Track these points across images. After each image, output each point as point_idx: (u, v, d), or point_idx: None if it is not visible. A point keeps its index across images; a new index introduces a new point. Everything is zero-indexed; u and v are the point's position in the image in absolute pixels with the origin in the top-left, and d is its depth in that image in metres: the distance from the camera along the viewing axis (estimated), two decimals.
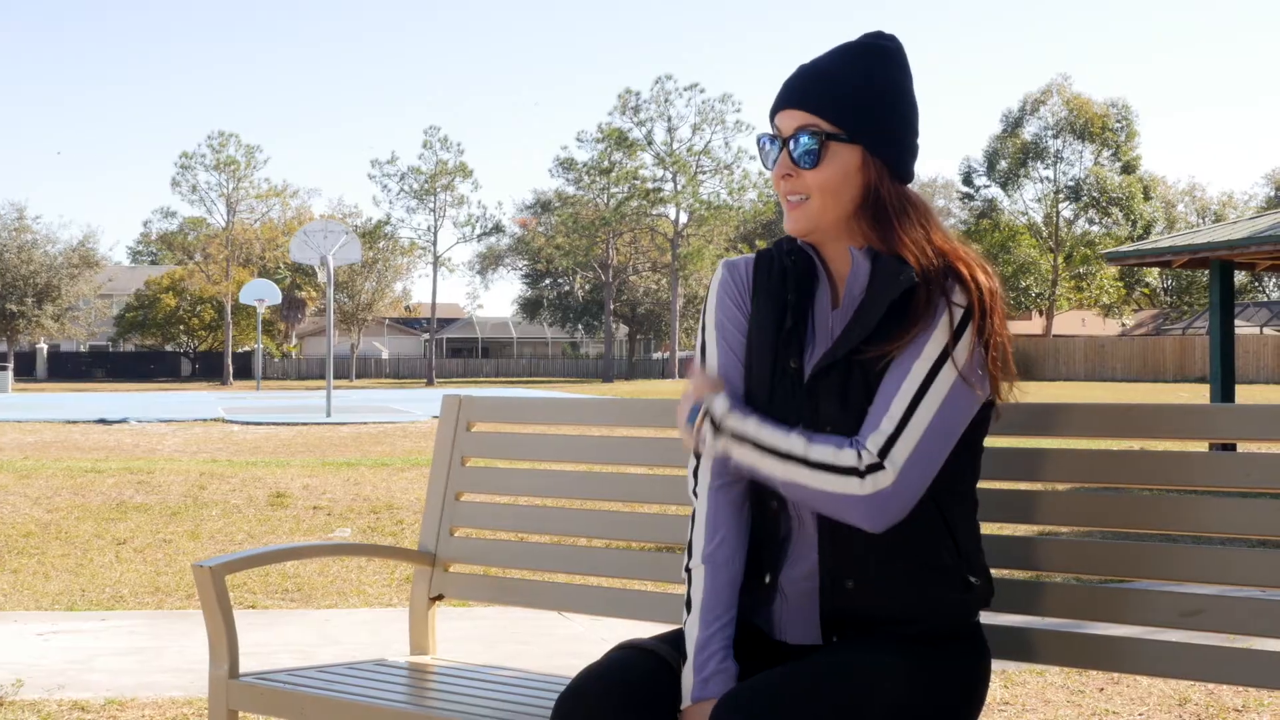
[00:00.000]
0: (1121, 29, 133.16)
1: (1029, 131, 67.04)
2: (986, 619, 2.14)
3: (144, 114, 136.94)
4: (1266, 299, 72.05)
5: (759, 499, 1.99)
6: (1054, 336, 64.64)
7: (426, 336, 71.66)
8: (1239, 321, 57.78)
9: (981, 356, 1.88)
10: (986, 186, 69.29)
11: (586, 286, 69.41)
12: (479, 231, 65.39)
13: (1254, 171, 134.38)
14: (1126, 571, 2.22)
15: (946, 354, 1.85)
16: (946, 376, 1.85)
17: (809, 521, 1.94)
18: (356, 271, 62.61)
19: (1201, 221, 75.75)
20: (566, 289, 72.05)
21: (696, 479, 2.02)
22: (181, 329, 69.39)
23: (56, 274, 62.78)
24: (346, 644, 4.92)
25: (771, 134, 1.98)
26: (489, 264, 75.19)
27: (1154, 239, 29.04)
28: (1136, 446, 8.28)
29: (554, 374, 73.78)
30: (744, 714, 1.73)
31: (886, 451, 1.82)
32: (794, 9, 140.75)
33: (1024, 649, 2.28)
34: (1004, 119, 67.83)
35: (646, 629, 2.32)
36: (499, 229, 67.21)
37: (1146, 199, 66.93)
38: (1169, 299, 76.38)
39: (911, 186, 1.99)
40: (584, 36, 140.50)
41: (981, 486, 2.08)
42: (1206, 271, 16.34)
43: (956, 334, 1.86)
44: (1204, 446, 11.17)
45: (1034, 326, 68.54)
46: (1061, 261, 65.71)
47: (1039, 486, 2.34)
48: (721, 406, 1.92)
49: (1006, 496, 2.31)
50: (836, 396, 1.90)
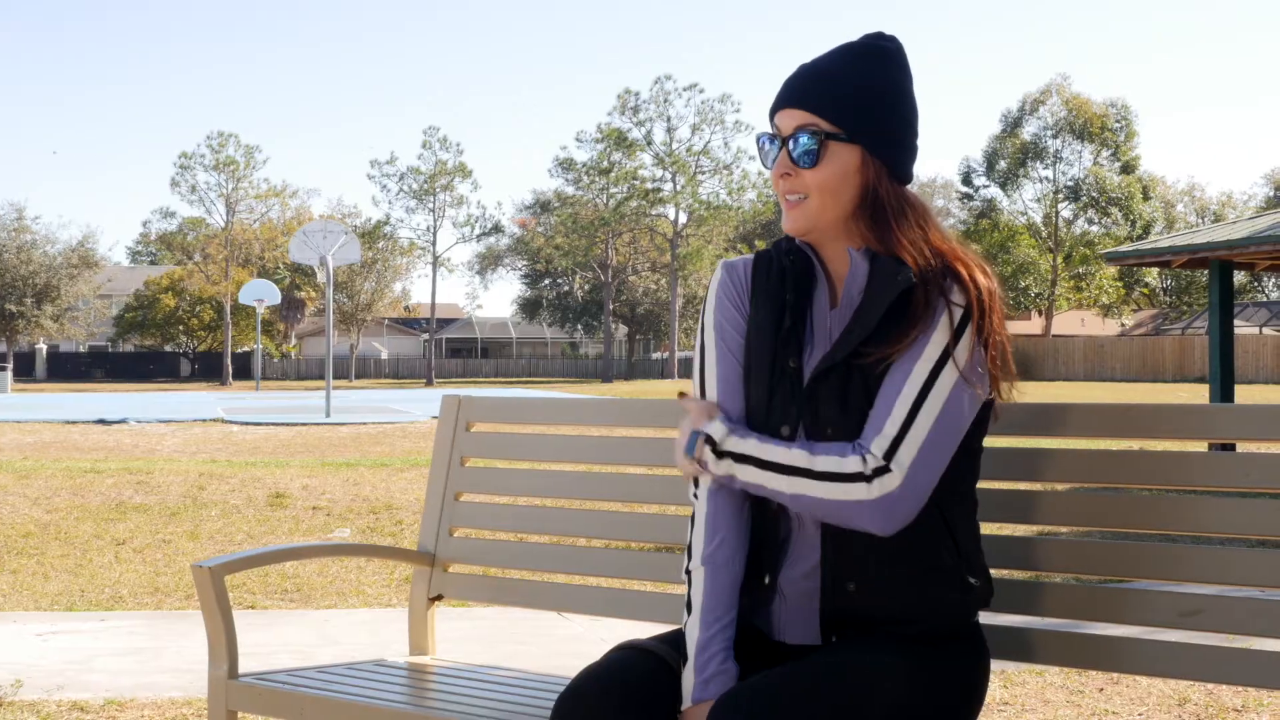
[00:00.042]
0: (1121, 29, 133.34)
1: (1028, 131, 67.03)
2: (986, 619, 2.14)
3: (143, 114, 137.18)
4: (1266, 299, 72.08)
5: (759, 500, 1.98)
6: (1053, 336, 64.64)
7: (426, 337, 71.69)
8: (1238, 321, 57.77)
9: (981, 356, 1.88)
10: (986, 186, 69.31)
11: (586, 287, 69.41)
12: (478, 232, 65.40)
13: (1253, 171, 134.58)
14: (1126, 571, 2.22)
15: (947, 354, 1.85)
16: (948, 377, 1.85)
17: (809, 522, 1.94)
18: (356, 272, 62.61)
19: (1201, 221, 75.77)
20: (566, 289, 72.05)
21: (697, 480, 2.02)
22: (181, 329, 69.39)
23: (56, 274, 62.81)
24: (346, 644, 4.92)
25: (771, 133, 1.98)
26: (488, 264, 75.23)
27: (1153, 239, 29.04)
28: (1136, 446, 8.28)
29: (553, 374, 73.78)
30: (743, 714, 1.73)
31: (892, 454, 1.82)
32: (794, 9, 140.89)
33: (1024, 649, 2.28)
34: (1003, 119, 67.84)
35: (646, 629, 2.32)
36: (498, 229, 67.22)
37: (1146, 199, 66.92)
38: (1168, 299, 76.41)
39: (911, 187, 1.99)
40: (584, 36, 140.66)
41: (981, 486, 2.08)
42: (1206, 271, 16.35)
43: (956, 334, 1.86)
44: (1203, 446, 11.17)
45: (1033, 326, 68.54)
46: (1061, 261, 65.71)
47: (1038, 486, 2.34)
48: (720, 430, 1.91)
49: (1006, 496, 2.31)
50: (836, 399, 1.90)
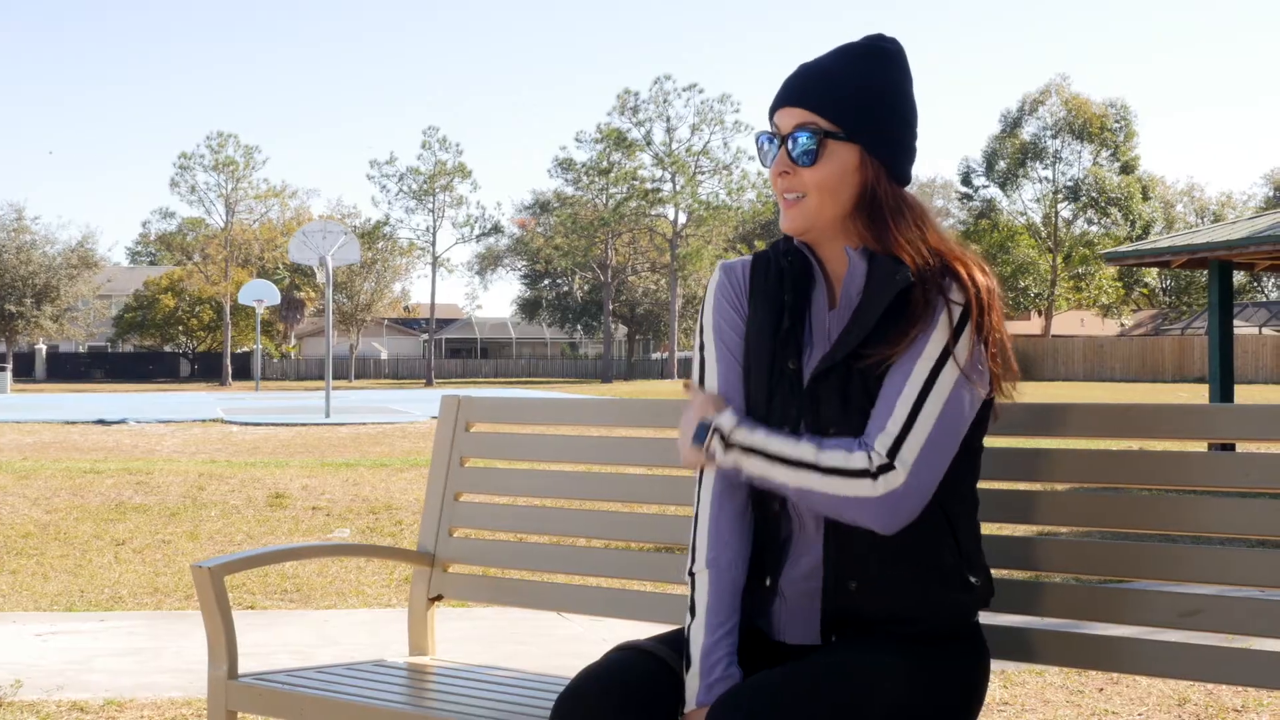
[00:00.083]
0: (1121, 29, 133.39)
1: (1028, 132, 67.03)
2: (986, 619, 2.14)
3: (143, 114, 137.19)
4: (1265, 299, 72.08)
5: (760, 502, 1.98)
6: (1053, 337, 64.65)
7: (425, 337, 71.67)
8: (1238, 321, 57.77)
9: (982, 354, 1.88)
10: (985, 187, 69.32)
11: (585, 287, 69.40)
12: (478, 232, 65.38)
13: (1253, 171, 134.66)
14: (1125, 572, 2.22)
15: (948, 353, 1.85)
16: (949, 375, 1.85)
17: (810, 523, 1.93)
18: (355, 272, 62.60)
19: (1200, 222, 75.77)
20: (565, 289, 72.05)
21: (700, 481, 2.02)
22: (180, 330, 69.39)
23: (55, 275, 62.82)
24: (345, 644, 4.92)
25: (770, 132, 1.98)
26: (488, 264, 75.23)
27: (1153, 239, 29.04)
28: (1135, 446, 8.28)
29: (553, 374, 73.77)
30: (743, 713, 1.73)
31: (895, 452, 1.82)
32: (794, 9, 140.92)
33: (1024, 649, 2.28)
34: (1003, 119, 67.85)
35: (646, 629, 2.32)
36: (498, 229, 67.20)
37: (1145, 199, 66.94)
38: (1168, 299, 76.42)
39: (910, 187, 1.99)
40: (583, 36, 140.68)
41: (981, 486, 2.08)
42: (1205, 271, 16.34)
43: (956, 332, 1.86)
44: (1203, 446, 11.17)
45: (1033, 327, 68.55)
46: (1060, 262, 65.71)
47: (1038, 486, 2.34)
48: (729, 421, 1.92)
49: (1006, 496, 2.31)
50: (837, 398, 1.90)
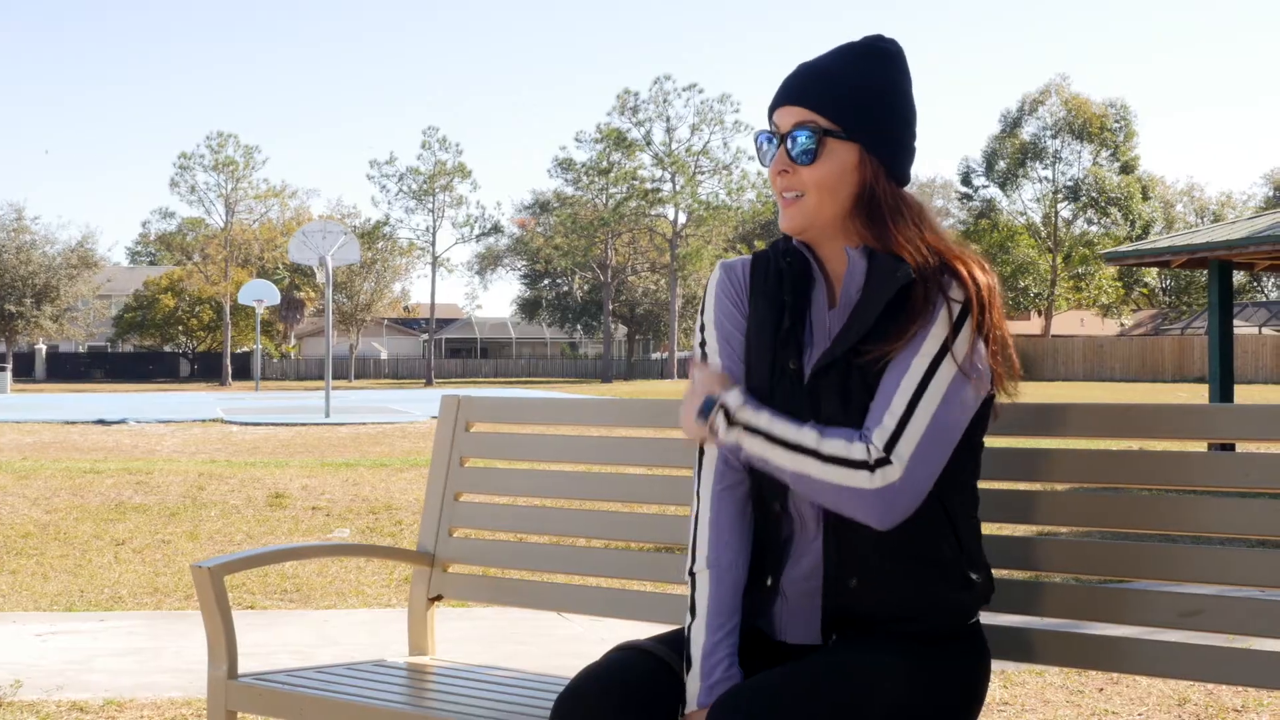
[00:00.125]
0: (1121, 29, 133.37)
1: (1028, 132, 67.04)
2: (986, 619, 2.14)
3: (143, 114, 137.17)
4: (1265, 299, 72.07)
5: (761, 502, 1.98)
6: (1053, 336, 64.66)
7: (425, 337, 71.67)
8: (1237, 321, 57.76)
9: (981, 351, 1.88)
10: (985, 187, 69.33)
11: (585, 287, 69.40)
12: (478, 232, 65.38)
13: (1253, 171, 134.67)
14: (1126, 572, 2.22)
15: (946, 349, 1.85)
16: (946, 371, 1.85)
17: (811, 523, 1.93)
18: (355, 272, 62.60)
19: (1200, 221, 75.77)
20: (565, 289, 72.04)
21: (700, 479, 2.02)
22: (180, 329, 69.39)
23: (55, 274, 62.82)
24: (345, 644, 4.92)
25: (769, 131, 1.98)
26: (488, 264, 75.21)
27: (1153, 239, 29.04)
28: (1135, 446, 8.28)
29: (553, 374, 73.77)
30: (743, 713, 1.73)
31: (891, 446, 1.82)
32: (794, 9, 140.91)
33: (1024, 649, 2.28)
34: (1002, 119, 67.87)
35: (645, 629, 2.31)
36: (498, 229, 67.20)
37: (1145, 199, 66.95)
38: (1168, 299, 76.42)
39: (910, 187, 1.99)
40: (583, 36, 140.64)
41: (981, 486, 2.08)
42: (1205, 271, 16.34)
43: (955, 329, 1.86)
44: (1203, 446, 11.17)
45: (1033, 327, 68.56)
46: (1060, 261, 65.72)
47: (1038, 486, 2.34)
48: (736, 400, 1.92)
49: (1006, 496, 2.31)
50: (837, 395, 1.90)
